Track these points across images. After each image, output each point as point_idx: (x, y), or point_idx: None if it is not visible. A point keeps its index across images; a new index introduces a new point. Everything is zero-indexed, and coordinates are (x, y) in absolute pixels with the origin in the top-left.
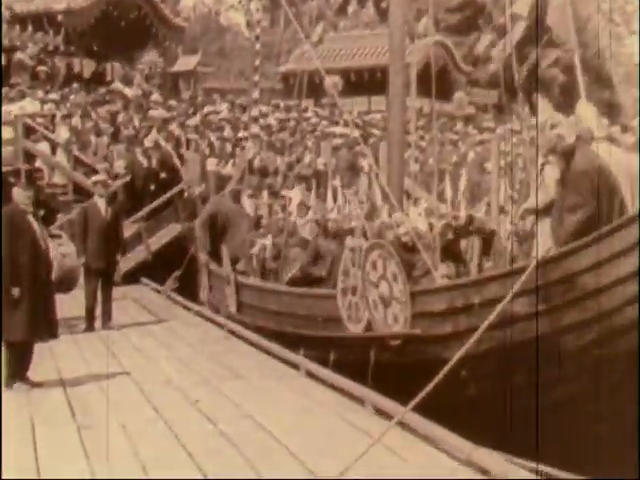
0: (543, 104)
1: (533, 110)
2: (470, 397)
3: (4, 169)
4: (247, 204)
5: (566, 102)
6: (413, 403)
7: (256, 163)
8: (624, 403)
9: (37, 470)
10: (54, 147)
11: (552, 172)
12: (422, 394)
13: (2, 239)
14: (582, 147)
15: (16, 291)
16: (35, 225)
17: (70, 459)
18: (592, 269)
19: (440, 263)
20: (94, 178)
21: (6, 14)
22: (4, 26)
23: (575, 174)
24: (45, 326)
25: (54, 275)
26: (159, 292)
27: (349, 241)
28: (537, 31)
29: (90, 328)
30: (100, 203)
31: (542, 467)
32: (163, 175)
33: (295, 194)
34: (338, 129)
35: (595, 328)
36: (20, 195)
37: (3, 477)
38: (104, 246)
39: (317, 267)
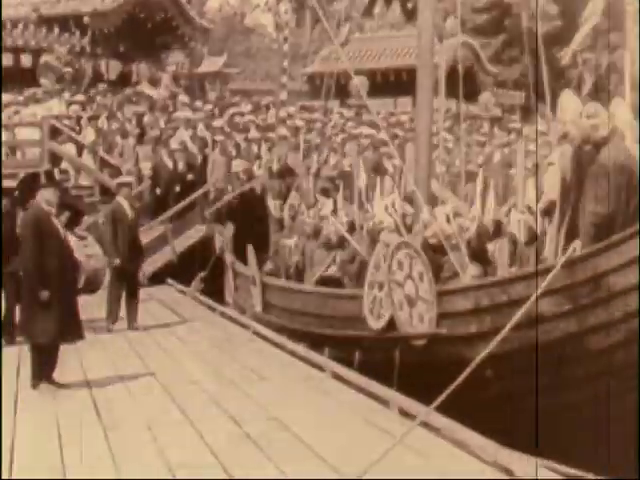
0: (572, 99)
1: (554, 109)
2: (494, 396)
3: (28, 171)
4: (272, 205)
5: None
6: (436, 403)
7: (282, 164)
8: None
9: (63, 470)
10: (80, 148)
11: (556, 174)
12: (445, 394)
13: (28, 241)
14: (615, 141)
15: (45, 294)
16: (60, 227)
17: (96, 460)
18: (619, 270)
19: (470, 264)
20: (119, 179)
21: (33, 16)
22: (31, 27)
23: (603, 166)
24: (72, 328)
25: (80, 277)
26: (184, 293)
27: (384, 235)
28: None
29: (114, 329)
30: (125, 204)
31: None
32: (190, 177)
33: (328, 204)
34: (365, 130)
35: (621, 329)
36: (44, 197)
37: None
38: (132, 247)
39: (353, 265)
